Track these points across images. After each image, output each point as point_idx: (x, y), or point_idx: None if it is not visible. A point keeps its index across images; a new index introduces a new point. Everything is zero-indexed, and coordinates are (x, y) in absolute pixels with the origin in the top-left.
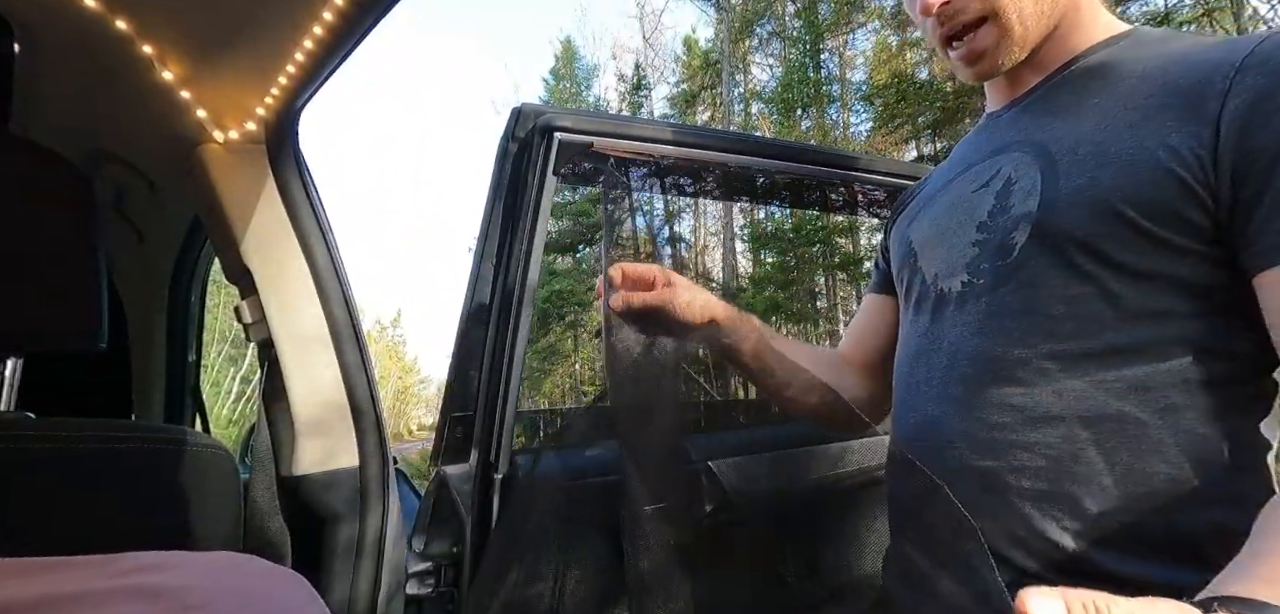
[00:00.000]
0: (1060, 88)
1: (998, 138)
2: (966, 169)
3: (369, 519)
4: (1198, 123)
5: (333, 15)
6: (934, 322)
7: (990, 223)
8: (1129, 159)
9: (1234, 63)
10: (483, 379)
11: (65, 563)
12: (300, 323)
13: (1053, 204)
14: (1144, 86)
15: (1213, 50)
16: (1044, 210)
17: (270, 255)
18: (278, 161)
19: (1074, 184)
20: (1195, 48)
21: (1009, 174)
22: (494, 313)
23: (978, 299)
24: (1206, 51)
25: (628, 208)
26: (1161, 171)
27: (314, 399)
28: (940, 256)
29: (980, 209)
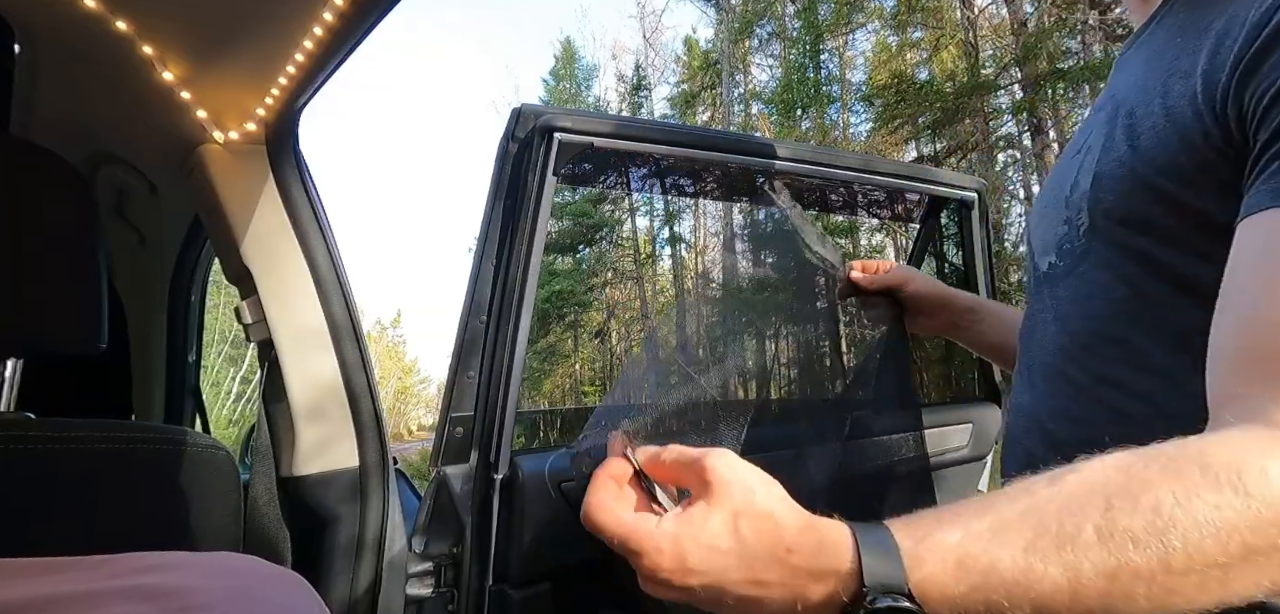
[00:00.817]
0: (1170, 10)
1: (1113, 82)
2: (1087, 128)
3: (369, 519)
4: (1213, 67)
5: (333, 16)
6: (1036, 302)
7: (1070, 198)
8: (1160, 118)
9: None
10: (483, 379)
11: (65, 563)
12: (300, 323)
13: (1100, 180)
14: (1202, 18)
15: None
16: (1094, 188)
17: (270, 256)
18: (278, 162)
19: (1116, 155)
20: None
21: (1089, 140)
22: (494, 313)
23: (1055, 285)
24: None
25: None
26: (1187, 129)
27: (314, 399)
28: (1040, 232)
29: (1066, 182)
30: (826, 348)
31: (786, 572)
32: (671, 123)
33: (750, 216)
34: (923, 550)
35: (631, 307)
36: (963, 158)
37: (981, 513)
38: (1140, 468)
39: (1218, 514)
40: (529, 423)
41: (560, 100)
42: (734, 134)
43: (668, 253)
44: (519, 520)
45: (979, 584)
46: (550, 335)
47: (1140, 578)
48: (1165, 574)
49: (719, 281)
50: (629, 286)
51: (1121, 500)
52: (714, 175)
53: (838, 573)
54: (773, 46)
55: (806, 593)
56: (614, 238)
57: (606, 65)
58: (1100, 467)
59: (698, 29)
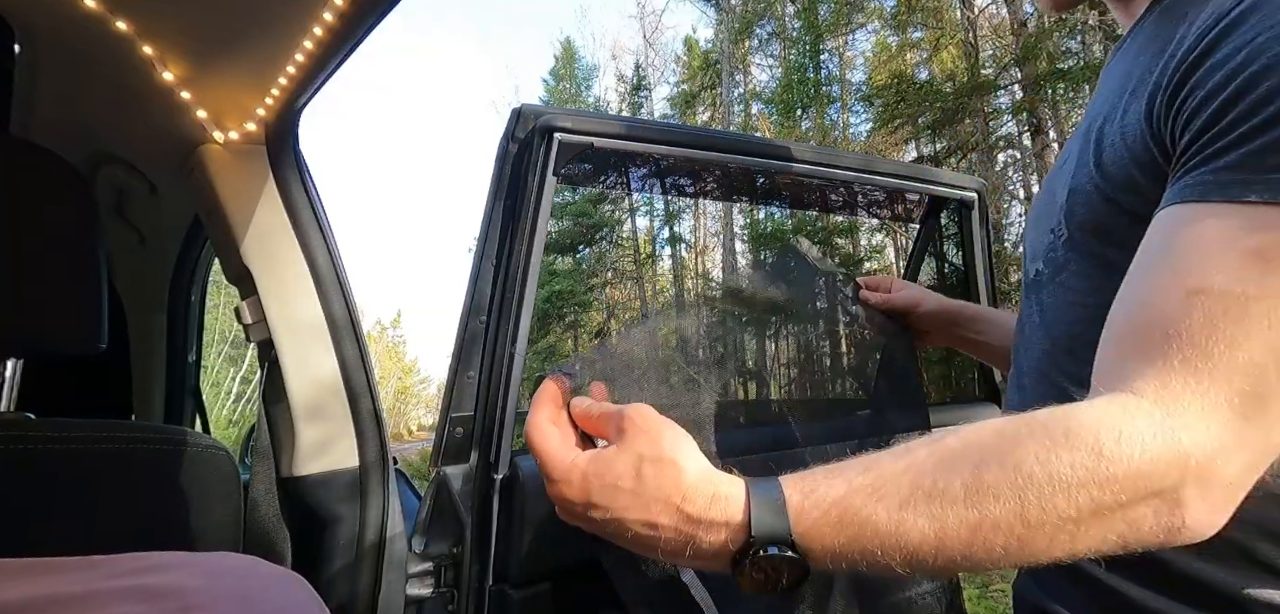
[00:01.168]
0: (1144, 24)
1: (1094, 97)
2: (1074, 138)
3: (369, 519)
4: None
5: (332, 16)
6: (1026, 307)
7: (1053, 209)
8: (1118, 136)
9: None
10: (483, 379)
11: (66, 564)
12: (300, 323)
13: (1073, 194)
14: (1163, 32)
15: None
16: (1069, 201)
17: (270, 256)
18: (278, 162)
19: (1086, 170)
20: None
21: (1071, 151)
22: (494, 313)
23: (1041, 291)
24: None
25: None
26: (1137, 148)
27: (314, 399)
28: (1031, 239)
29: (1052, 192)
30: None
31: (680, 518)
32: (671, 123)
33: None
34: (808, 504)
35: (631, 307)
36: (963, 158)
37: (867, 469)
38: (1012, 430)
39: (1071, 472)
40: None
41: (560, 100)
42: (734, 134)
43: (668, 253)
44: (519, 520)
45: (856, 536)
46: (550, 335)
47: (999, 529)
48: (1022, 526)
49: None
50: (629, 286)
51: (990, 459)
52: (714, 175)
53: (729, 524)
54: (773, 46)
55: (697, 539)
56: (614, 238)
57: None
58: (980, 429)
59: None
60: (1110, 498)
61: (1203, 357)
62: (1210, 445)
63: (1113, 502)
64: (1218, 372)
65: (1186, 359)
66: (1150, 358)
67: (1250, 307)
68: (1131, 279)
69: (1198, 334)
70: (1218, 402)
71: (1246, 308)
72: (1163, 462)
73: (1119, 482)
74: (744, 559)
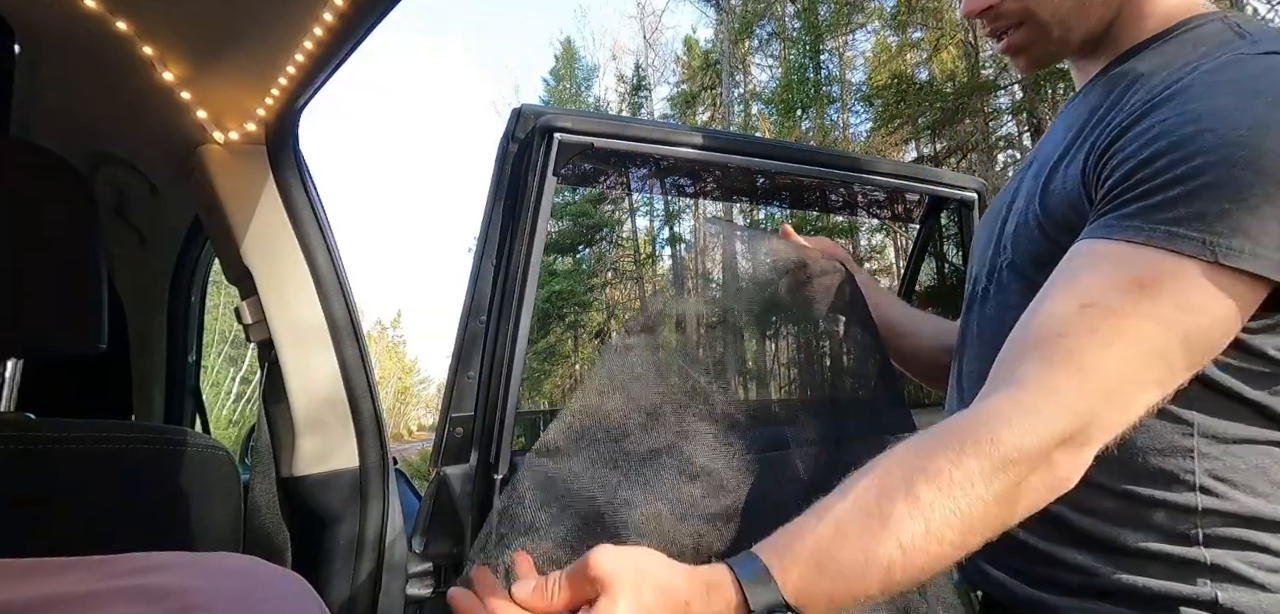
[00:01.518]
0: (1095, 87)
1: (1044, 139)
2: (1026, 168)
3: (369, 519)
4: (1091, 148)
5: (333, 16)
6: (966, 318)
7: (1000, 231)
8: (1061, 182)
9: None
10: (483, 379)
11: (66, 564)
12: (300, 323)
13: (1019, 225)
14: (1107, 98)
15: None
16: (1015, 230)
17: (270, 256)
18: (278, 162)
19: (1032, 206)
20: (1179, 63)
21: (1021, 184)
22: (494, 313)
23: (983, 305)
24: (1171, 69)
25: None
26: (1075, 196)
27: (314, 399)
28: (978, 255)
29: (999, 216)
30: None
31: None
32: (671, 123)
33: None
34: (786, 563)
35: (631, 307)
36: (963, 158)
37: (822, 516)
38: (926, 446)
39: (979, 466)
40: (529, 423)
41: (560, 100)
42: (734, 134)
43: (668, 253)
44: None
45: (836, 575)
46: (550, 335)
47: (946, 529)
48: (961, 521)
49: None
50: (629, 286)
51: (917, 477)
52: (714, 175)
53: (729, 605)
54: (773, 47)
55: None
56: (614, 238)
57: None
58: (900, 451)
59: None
60: (1014, 476)
61: (1081, 352)
62: (1078, 415)
63: (1017, 478)
64: (1088, 364)
65: (1071, 353)
66: (1043, 354)
67: (1125, 320)
68: (1039, 296)
69: (1082, 335)
70: (1086, 385)
71: (1123, 320)
72: (1043, 437)
73: (1015, 462)
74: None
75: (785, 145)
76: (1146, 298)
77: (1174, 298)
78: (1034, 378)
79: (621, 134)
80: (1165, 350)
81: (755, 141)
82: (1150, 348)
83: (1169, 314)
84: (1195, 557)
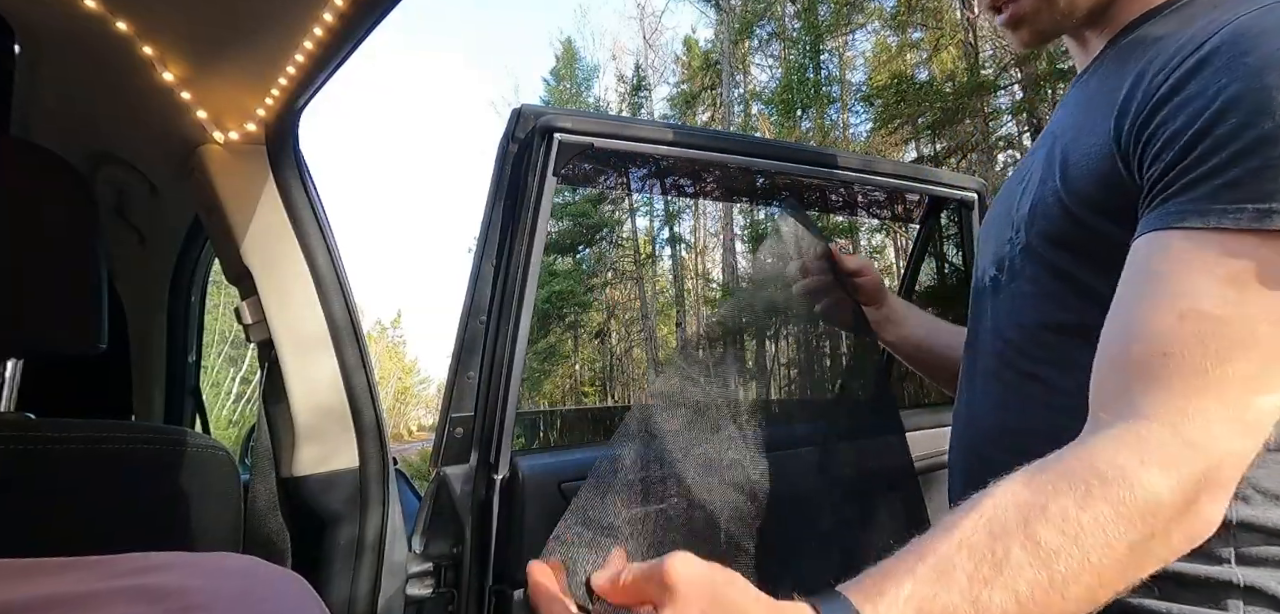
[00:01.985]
0: (1103, 60)
1: (1054, 118)
2: (1034, 152)
3: (369, 520)
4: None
5: (333, 16)
6: (977, 311)
7: (1012, 219)
8: (1083, 155)
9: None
10: (482, 379)
11: (65, 564)
12: (300, 324)
13: (1035, 206)
14: (1124, 68)
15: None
16: (1031, 213)
17: (270, 256)
18: (278, 162)
19: (1050, 185)
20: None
21: (1032, 167)
22: (494, 313)
23: (996, 295)
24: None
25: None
26: (1102, 167)
27: (314, 400)
28: (987, 248)
29: (1011, 204)
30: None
31: None
32: (671, 123)
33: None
34: (880, 607)
35: (632, 307)
36: (963, 158)
37: (922, 557)
38: (1042, 484)
39: (1116, 512)
40: (529, 423)
41: (560, 100)
42: (734, 134)
43: (668, 253)
44: (519, 521)
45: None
46: (550, 335)
47: (1069, 582)
48: (1091, 574)
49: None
50: (629, 287)
51: (1035, 519)
52: (714, 175)
53: None
54: (773, 47)
55: None
56: (614, 238)
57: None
58: (1009, 487)
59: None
60: (1152, 524)
61: (1198, 374)
62: (1217, 453)
63: (1154, 527)
64: (1211, 386)
65: (1186, 378)
66: (1154, 379)
67: (1231, 325)
68: (1122, 303)
69: (1192, 354)
70: (1218, 414)
71: (1228, 326)
72: (1186, 480)
73: (1155, 509)
74: None
75: (785, 145)
76: (1247, 292)
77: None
78: (1155, 406)
79: (621, 134)
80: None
81: (755, 142)
82: (1268, 352)
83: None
84: (1226, 578)
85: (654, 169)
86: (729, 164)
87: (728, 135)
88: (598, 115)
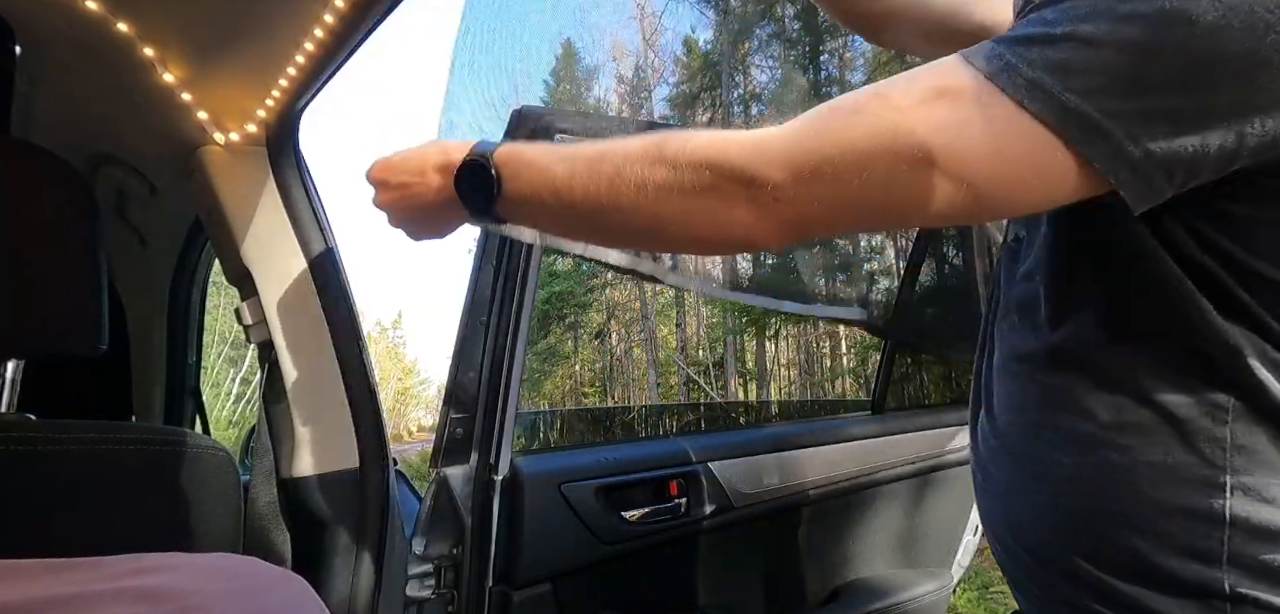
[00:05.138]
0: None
1: None
2: None
3: (369, 520)
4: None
5: (333, 17)
6: (997, 277)
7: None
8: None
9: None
10: (483, 380)
11: (65, 565)
12: (301, 324)
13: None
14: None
15: None
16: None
17: (271, 257)
18: (278, 163)
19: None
20: None
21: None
22: (494, 313)
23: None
24: None
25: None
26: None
27: (314, 400)
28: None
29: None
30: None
31: (444, 157)
32: (672, 123)
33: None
34: (503, 146)
35: (632, 307)
36: None
37: (548, 147)
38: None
39: (647, 145)
40: (529, 423)
41: (560, 101)
42: None
43: None
44: (519, 521)
45: (519, 158)
46: (550, 336)
47: (589, 175)
48: (604, 178)
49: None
50: (629, 287)
51: (601, 144)
52: None
53: (462, 149)
54: (773, 48)
55: (451, 160)
56: None
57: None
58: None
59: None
60: (679, 177)
61: (819, 114)
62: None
63: (683, 180)
64: (810, 124)
65: (810, 114)
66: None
67: (889, 109)
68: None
69: (832, 104)
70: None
71: (884, 106)
72: (740, 155)
73: (704, 158)
74: (464, 160)
75: None
76: (929, 104)
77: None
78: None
79: (622, 135)
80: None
81: None
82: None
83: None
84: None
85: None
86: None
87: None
88: (598, 116)
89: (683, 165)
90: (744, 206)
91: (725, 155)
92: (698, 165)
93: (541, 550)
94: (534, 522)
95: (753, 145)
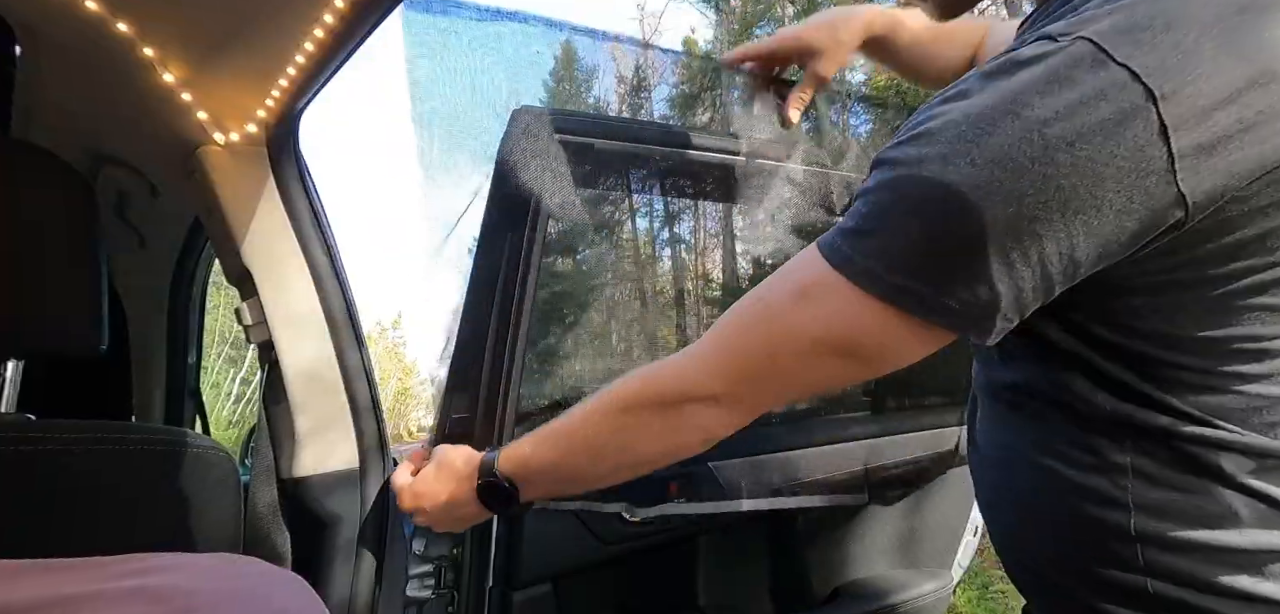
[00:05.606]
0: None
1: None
2: None
3: (369, 520)
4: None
5: (333, 17)
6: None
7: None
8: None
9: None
10: (483, 380)
11: (65, 565)
12: (301, 324)
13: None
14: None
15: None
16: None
17: (271, 257)
18: (278, 164)
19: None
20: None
21: None
22: (494, 313)
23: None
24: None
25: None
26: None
27: (314, 401)
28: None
29: None
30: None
31: (460, 477)
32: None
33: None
34: (503, 455)
35: (632, 307)
36: None
37: (536, 436)
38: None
39: (606, 402)
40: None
41: (560, 101)
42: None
43: (668, 253)
44: (519, 521)
45: (521, 460)
46: (550, 335)
47: (574, 447)
48: (585, 444)
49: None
50: (629, 287)
51: (575, 413)
52: (714, 175)
53: (477, 466)
54: None
55: (469, 481)
56: (614, 239)
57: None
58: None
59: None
60: (629, 419)
61: (724, 332)
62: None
63: (631, 419)
64: (721, 342)
65: (717, 332)
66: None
67: (772, 316)
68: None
69: (732, 320)
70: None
71: (769, 314)
72: (679, 385)
73: (654, 396)
74: (480, 484)
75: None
76: (800, 300)
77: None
78: (696, 345)
79: (622, 135)
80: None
81: (757, 139)
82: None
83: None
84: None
85: (654, 170)
86: (730, 162)
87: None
88: (598, 116)
89: (640, 407)
90: (703, 413)
91: (676, 383)
92: (649, 402)
93: (541, 550)
94: (534, 522)
95: (681, 370)
